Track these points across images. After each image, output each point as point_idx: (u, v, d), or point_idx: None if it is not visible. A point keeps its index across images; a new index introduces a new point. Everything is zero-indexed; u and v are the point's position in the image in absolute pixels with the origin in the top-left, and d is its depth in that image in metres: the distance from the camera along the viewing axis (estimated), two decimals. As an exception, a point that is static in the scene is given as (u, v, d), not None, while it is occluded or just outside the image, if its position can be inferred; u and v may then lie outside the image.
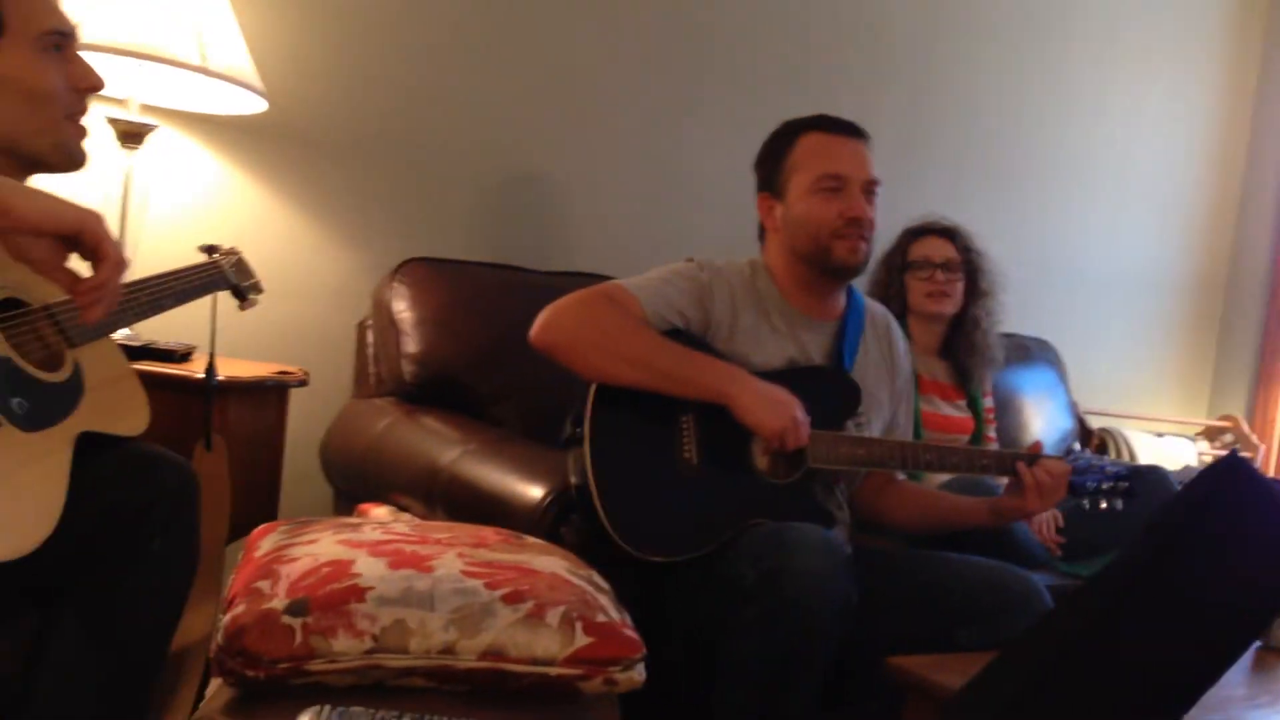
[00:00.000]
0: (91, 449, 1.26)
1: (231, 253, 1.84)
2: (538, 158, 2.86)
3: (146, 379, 1.48)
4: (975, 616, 1.86)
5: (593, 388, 1.83)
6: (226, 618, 1.29)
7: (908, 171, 3.30)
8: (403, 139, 2.68)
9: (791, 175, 2.01)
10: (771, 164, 2.05)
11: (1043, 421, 3.26)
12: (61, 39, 1.39)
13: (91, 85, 1.43)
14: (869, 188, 1.98)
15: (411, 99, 2.69)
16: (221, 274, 1.77)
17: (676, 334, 1.91)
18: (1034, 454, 1.96)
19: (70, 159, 1.43)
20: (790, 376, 1.94)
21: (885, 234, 2.66)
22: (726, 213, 3.00)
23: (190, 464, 1.34)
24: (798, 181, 1.99)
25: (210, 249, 1.82)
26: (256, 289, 1.87)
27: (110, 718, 1.26)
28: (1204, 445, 3.83)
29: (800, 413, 1.83)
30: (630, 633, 1.40)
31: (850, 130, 2.01)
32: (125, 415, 1.38)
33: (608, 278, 2.04)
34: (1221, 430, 3.92)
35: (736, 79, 3.11)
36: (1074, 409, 3.48)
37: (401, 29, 2.66)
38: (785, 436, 1.81)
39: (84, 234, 1.19)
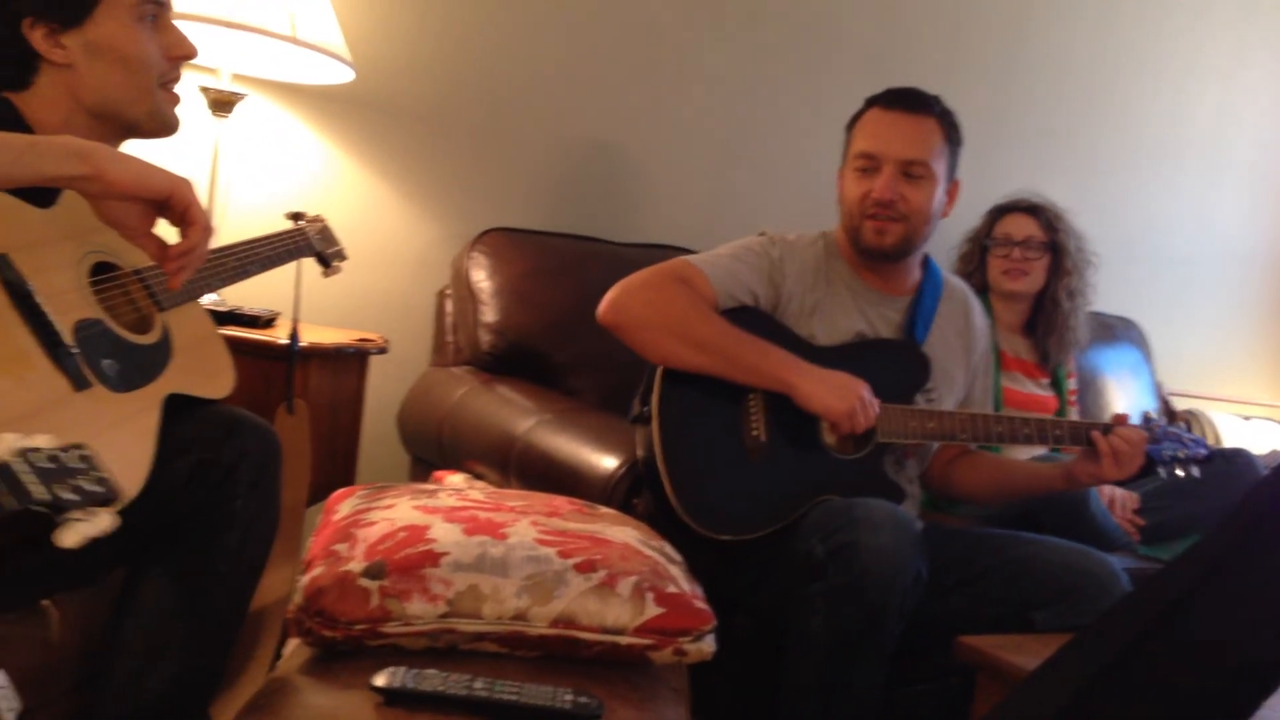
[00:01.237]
0: (178, 410, 1.29)
1: (316, 220, 1.86)
2: (617, 130, 2.86)
3: (231, 343, 1.51)
4: (1051, 598, 1.84)
5: (660, 367, 1.83)
6: (305, 579, 1.32)
7: (992, 147, 3.24)
8: (486, 110, 2.70)
9: (847, 150, 2.01)
10: (845, 138, 2.03)
11: (1126, 402, 3.19)
12: (156, 8, 1.42)
13: (185, 54, 1.46)
14: (908, 168, 1.92)
15: (495, 71, 2.70)
16: (307, 241, 1.80)
17: (745, 310, 1.90)
18: (1109, 424, 1.93)
19: (164, 125, 1.46)
20: (859, 350, 1.93)
21: (973, 211, 2.64)
22: (802, 186, 2.98)
23: (273, 427, 1.38)
24: (848, 157, 2.00)
25: (296, 216, 1.85)
26: (340, 256, 1.90)
27: (191, 672, 1.30)
28: (1293, 430, 3.73)
29: (867, 392, 1.82)
30: (701, 604, 1.41)
31: (908, 104, 1.95)
32: (211, 378, 1.42)
33: (684, 249, 2.04)
34: (1313, 415, 3.81)
35: (817, 52, 3.07)
36: (1159, 390, 3.41)
37: (485, 5, 2.66)
38: (855, 418, 1.80)
39: (173, 199, 1.22)
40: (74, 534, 0.88)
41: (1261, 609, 1.16)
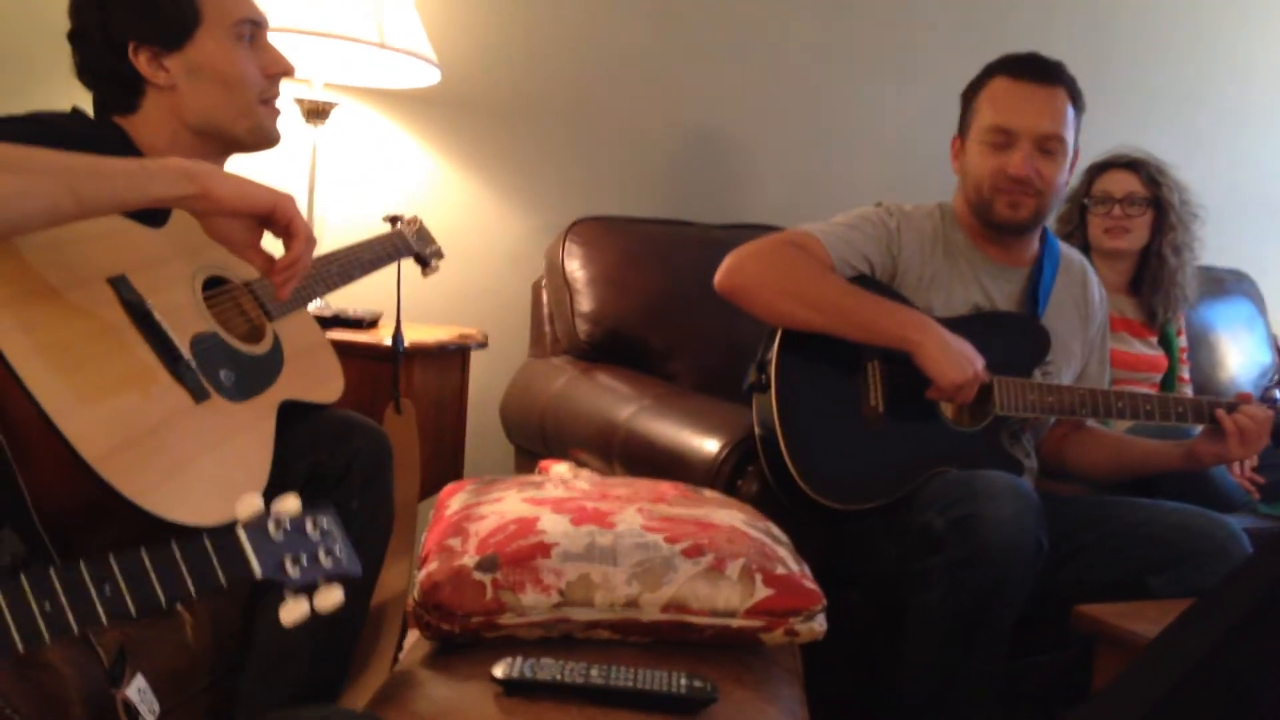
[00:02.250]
0: (292, 416, 1.33)
1: (413, 221, 1.90)
2: (705, 112, 2.85)
3: (337, 347, 1.56)
4: (1169, 563, 1.80)
5: (778, 335, 1.83)
6: (421, 574, 1.35)
7: (1091, 104, 3.14)
8: (571, 101, 2.72)
9: (973, 121, 1.95)
10: (964, 105, 1.99)
11: (1240, 357, 3.09)
12: (254, 28, 1.47)
13: (283, 71, 1.51)
14: (1045, 143, 1.88)
15: (578, 62, 2.72)
16: (405, 243, 1.83)
17: (862, 279, 1.89)
18: (1234, 402, 1.88)
19: (266, 139, 1.51)
20: (977, 322, 1.91)
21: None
22: (895, 157, 2.94)
23: (382, 428, 1.41)
24: (975, 129, 1.94)
25: (394, 219, 1.88)
26: (438, 255, 1.93)
27: (319, 668, 1.34)
28: None
29: (981, 369, 1.79)
30: (810, 584, 1.41)
31: (1040, 75, 1.90)
32: (322, 383, 1.46)
33: (777, 228, 2.03)
34: None
35: (905, 19, 3.02)
36: (1274, 343, 3.30)
37: (565, -7, 2.69)
38: (963, 391, 1.78)
39: (276, 213, 1.26)
40: (293, 613, 0.88)
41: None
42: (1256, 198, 3.56)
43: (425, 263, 1.90)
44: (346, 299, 2.13)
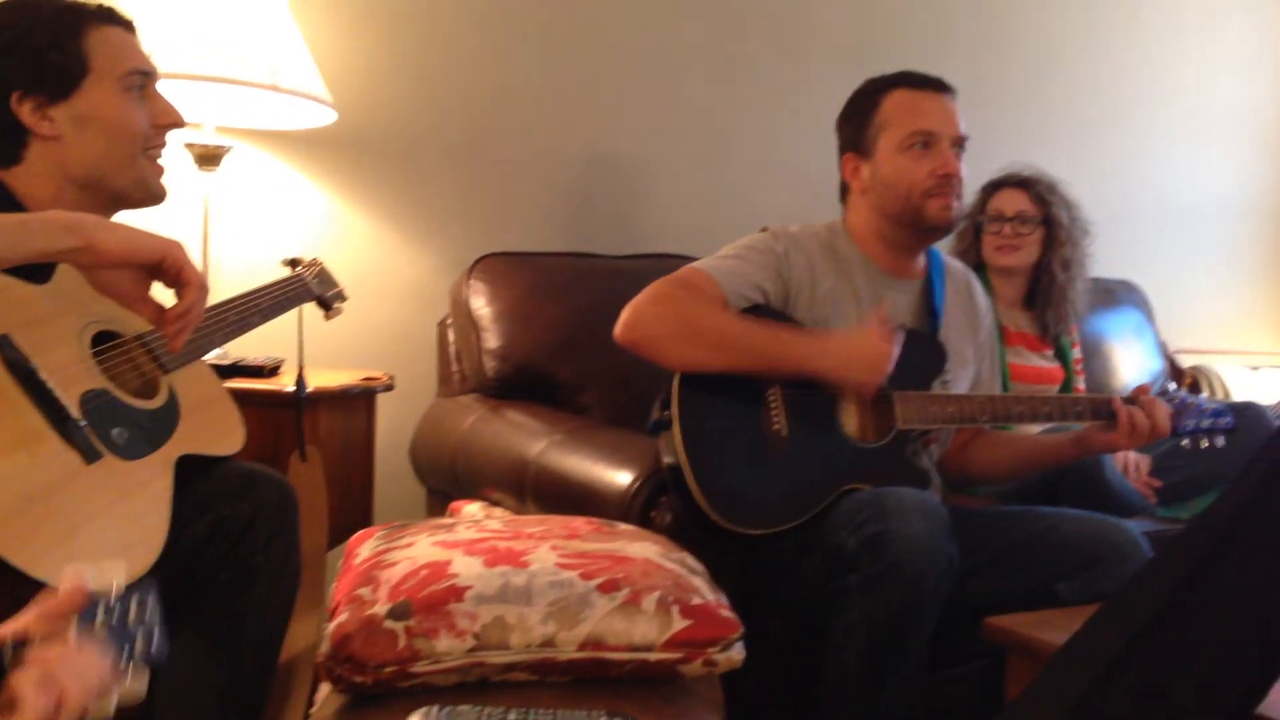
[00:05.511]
0: (192, 471, 1.30)
1: (314, 264, 1.87)
2: (604, 144, 2.87)
3: (238, 396, 1.52)
4: (1073, 570, 1.84)
5: (678, 372, 1.84)
6: (331, 626, 1.32)
7: (981, 122, 3.21)
8: (469, 137, 2.71)
9: (879, 134, 1.97)
10: (857, 123, 2.01)
11: (1131, 365, 3.19)
12: (143, 78, 1.44)
13: (172, 122, 1.48)
14: (958, 143, 1.95)
15: (475, 98, 2.71)
16: (305, 287, 1.80)
17: (756, 309, 1.91)
18: (1131, 396, 1.93)
19: (150, 194, 1.48)
20: None
21: (968, 188, 2.63)
22: (795, 179, 2.99)
23: (286, 478, 1.39)
24: (886, 140, 1.96)
25: (293, 262, 1.85)
26: (340, 298, 1.90)
27: (228, 727, 1.31)
28: (1303, 376, 3.71)
29: (888, 346, 1.81)
30: (727, 613, 1.41)
31: (937, 85, 1.98)
32: (221, 435, 1.43)
33: (682, 258, 2.04)
34: (1321, 359, 3.80)
35: (794, 43, 3.08)
36: (1163, 349, 3.40)
37: (459, 30, 2.68)
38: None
39: (165, 262, 1.24)
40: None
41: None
42: (1144, 209, 3.70)
43: (327, 306, 1.87)
44: (247, 347, 2.09)
